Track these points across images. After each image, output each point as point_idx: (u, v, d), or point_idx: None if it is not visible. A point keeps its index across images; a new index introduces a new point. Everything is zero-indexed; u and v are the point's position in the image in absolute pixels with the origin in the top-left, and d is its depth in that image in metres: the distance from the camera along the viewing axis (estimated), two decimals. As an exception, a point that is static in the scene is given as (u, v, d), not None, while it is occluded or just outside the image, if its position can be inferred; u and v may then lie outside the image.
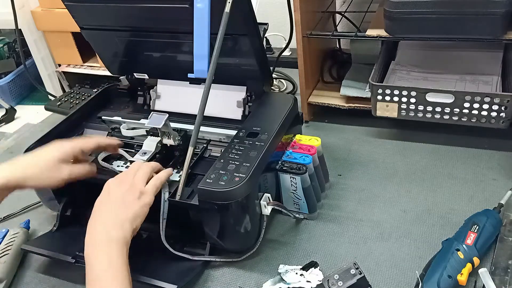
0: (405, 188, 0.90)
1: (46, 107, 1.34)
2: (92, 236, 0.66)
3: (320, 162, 0.87)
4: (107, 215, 0.68)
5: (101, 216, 0.68)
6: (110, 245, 0.64)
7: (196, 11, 0.75)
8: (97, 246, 0.64)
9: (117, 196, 0.70)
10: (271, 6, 1.35)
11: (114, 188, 0.71)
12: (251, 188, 0.72)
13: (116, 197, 0.70)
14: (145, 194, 0.71)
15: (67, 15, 0.92)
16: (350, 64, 1.19)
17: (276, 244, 0.82)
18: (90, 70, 1.36)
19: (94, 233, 0.66)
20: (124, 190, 0.71)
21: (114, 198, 0.70)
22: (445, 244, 0.73)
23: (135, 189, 0.71)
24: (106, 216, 0.68)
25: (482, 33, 0.86)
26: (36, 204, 0.98)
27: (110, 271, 0.62)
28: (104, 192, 0.72)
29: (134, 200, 0.70)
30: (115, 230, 0.66)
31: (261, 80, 0.90)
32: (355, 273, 0.65)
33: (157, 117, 0.82)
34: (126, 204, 0.69)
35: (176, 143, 0.85)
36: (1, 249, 0.84)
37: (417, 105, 0.93)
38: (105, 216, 0.68)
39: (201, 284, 0.76)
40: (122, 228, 0.66)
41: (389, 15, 0.90)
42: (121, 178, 0.73)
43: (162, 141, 0.86)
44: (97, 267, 0.62)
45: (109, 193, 0.71)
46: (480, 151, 0.96)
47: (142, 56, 0.97)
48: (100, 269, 0.62)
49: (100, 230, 0.66)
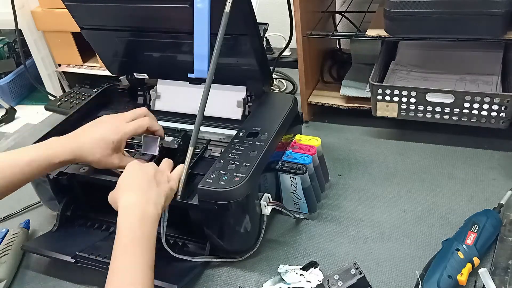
0: (405, 188, 0.90)
1: (46, 107, 1.34)
2: (127, 207, 0.66)
3: (320, 162, 0.87)
4: (141, 190, 0.68)
5: (134, 190, 0.68)
6: (144, 220, 0.65)
7: (196, 11, 0.75)
8: (131, 218, 0.65)
9: (150, 174, 0.70)
10: (271, 6, 1.35)
11: (145, 167, 0.72)
12: (251, 188, 0.72)
13: (150, 175, 0.70)
14: (172, 180, 0.73)
15: (67, 15, 0.92)
16: (350, 64, 1.19)
17: (276, 244, 0.82)
18: (90, 70, 1.37)
19: (129, 204, 0.66)
20: (155, 170, 0.72)
21: (147, 176, 0.70)
22: (445, 244, 0.73)
23: (164, 174, 0.73)
24: (140, 190, 0.68)
25: (482, 33, 0.86)
26: (36, 204, 0.98)
27: (141, 242, 0.63)
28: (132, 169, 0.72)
29: (164, 181, 0.72)
30: (150, 206, 0.66)
31: (261, 80, 0.90)
32: (355, 273, 0.65)
33: (150, 142, 0.83)
34: (159, 183, 0.70)
35: (175, 146, 0.85)
36: (1, 249, 0.84)
37: (417, 105, 0.93)
38: (140, 190, 0.68)
39: (201, 284, 0.76)
40: (155, 205, 0.67)
41: (389, 15, 0.90)
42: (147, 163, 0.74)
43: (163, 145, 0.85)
44: (129, 237, 0.63)
45: (137, 171, 0.71)
46: (480, 151, 0.96)
47: (142, 56, 0.97)
48: (131, 238, 0.63)
49: (134, 203, 0.66)
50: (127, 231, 0.64)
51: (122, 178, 0.71)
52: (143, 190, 0.68)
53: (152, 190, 0.69)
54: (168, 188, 0.71)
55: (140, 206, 0.66)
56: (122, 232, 0.64)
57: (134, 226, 0.64)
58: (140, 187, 0.69)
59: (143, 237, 0.63)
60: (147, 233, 0.64)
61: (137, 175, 0.71)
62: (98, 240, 0.83)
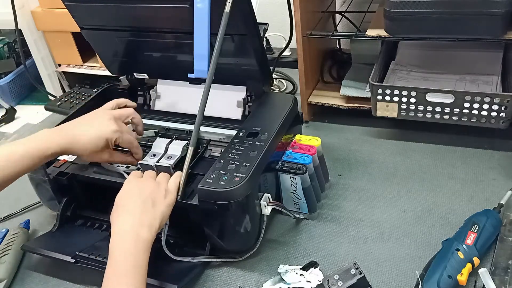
0: (405, 188, 0.90)
1: (46, 107, 1.34)
2: (120, 233, 0.66)
3: (320, 162, 0.87)
4: (135, 214, 0.68)
5: (128, 213, 0.68)
6: (138, 245, 0.65)
7: (196, 11, 0.75)
8: (125, 244, 0.64)
9: (145, 193, 0.70)
10: (271, 6, 1.35)
11: (142, 184, 0.72)
12: (251, 188, 0.72)
13: (145, 194, 0.70)
14: (170, 193, 0.72)
15: (67, 15, 0.92)
16: (350, 64, 1.19)
17: (276, 244, 0.82)
18: (90, 70, 1.37)
19: (122, 230, 0.66)
20: (152, 187, 0.71)
21: (143, 196, 0.70)
22: (445, 244, 0.73)
23: (161, 188, 0.72)
24: (134, 214, 0.68)
25: (482, 33, 0.86)
26: (36, 204, 0.98)
27: (135, 270, 0.62)
28: (129, 187, 0.72)
29: (161, 199, 0.70)
30: (144, 230, 0.66)
31: (261, 80, 0.90)
32: (355, 273, 0.65)
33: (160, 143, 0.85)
34: (154, 204, 0.69)
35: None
36: (1, 249, 0.84)
37: (417, 105, 0.93)
38: (134, 214, 0.68)
39: (201, 284, 0.76)
40: (150, 228, 0.67)
41: (389, 15, 0.90)
42: (146, 175, 0.74)
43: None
44: (123, 264, 0.63)
45: (134, 189, 0.71)
46: (480, 151, 0.96)
47: (142, 56, 0.97)
48: (125, 267, 0.62)
49: (128, 229, 0.66)
50: (121, 258, 0.63)
51: (119, 197, 0.71)
52: (137, 213, 0.68)
53: (147, 212, 0.68)
54: (164, 206, 0.70)
55: (134, 232, 0.66)
56: (115, 258, 0.63)
57: (128, 253, 0.64)
58: (134, 210, 0.68)
59: (136, 265, 0.63)
60: (141, 260, 0.64)
61: (133, 194, 0.71)
62: (98, 240, 0.83)
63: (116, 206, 0.70)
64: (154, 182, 0.73)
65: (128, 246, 0.64)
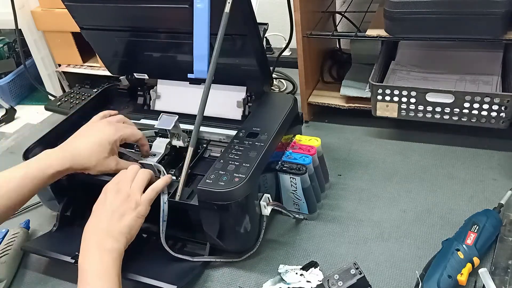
0: (405, 188, 0.90)
1: (46, 107, 1.34)
2: (87, 244, 0.67)
3: (320, 162, 0.87)
4: (103, 225, 0.68)
5: (97, 224, 0.69)
6: (103, 256, 0.65)
7: (196, 11, 0.75)
8: (92, 255, 0.65)
9: (114, 205, 0.70)
10: (271, 6, 1.35)
11: (111, 197, 0.72)
12: (251, 189, 0.72)
13: (113, 206, 0.70)
14: (141, 205, 0.71)
15: (67, 15, 0.92)
16: (350, 64, 1.19)
17: (276, 244, 0.82)
18: (90, 70, 1.37)
19: (89, 242, 0.67)
20: (121, 199, 0.71)
21: (111, 208, 0.70)
22: (445, 244, 0.73)
23: (131, 200, 0.71)
24: (102, 225, 0.68)
25: (482, 33, 0.86)
26: (36, 204, 0.98)
27: (103, 281, 0.63)
28: (102, 198, 0.72)
29: (130, 211, 0.70)
30: (110, 241, 0.67)
31: (261, 80, 0.90)
32: (355, 273, 0.65)
33: (167, 118, 0.82)
34: (122, 215, 0.69)
35: (185, 145, 0.85)
36: (1, 249, 0.84)
37: (417, 105, 0.93)
38: (101, 225, 0.68)
39: (201, 284, 0.76)
40: (116, 240, 0.67)
41: (389, 15, 0.90)
42: (119, 186, 0.73)
43: (172, 143, 0.85)
44: (90, 276, 0.63)
45: (105, 201, 0.71)
46: (480, 151, 0.96)
47: (142, 56, 0.97)
48: (92, 278, 0.63)
49: (95, 240, 0.67)
50: (86, 266, 0.64)
51: (94, 206, 0.72)
52: (104, 224, 0.68)
53: (113, 224, 0.68)
54: (133, 219, 0.70)
55: (98, 243, 0.66)
56: (82, 266, 0.64)
57: (93, 263, 0.64)
58: (102, 221, 0.69)
59: (102, 274, 0.63)
60: (108, 270, 0.64)
61: (104, 203, 0.71)
62: (98, 240, 0.83)
63: (91, 215, 0.71)
64: (125, 193, 0.72)
65: (93, 256, 0.65)
